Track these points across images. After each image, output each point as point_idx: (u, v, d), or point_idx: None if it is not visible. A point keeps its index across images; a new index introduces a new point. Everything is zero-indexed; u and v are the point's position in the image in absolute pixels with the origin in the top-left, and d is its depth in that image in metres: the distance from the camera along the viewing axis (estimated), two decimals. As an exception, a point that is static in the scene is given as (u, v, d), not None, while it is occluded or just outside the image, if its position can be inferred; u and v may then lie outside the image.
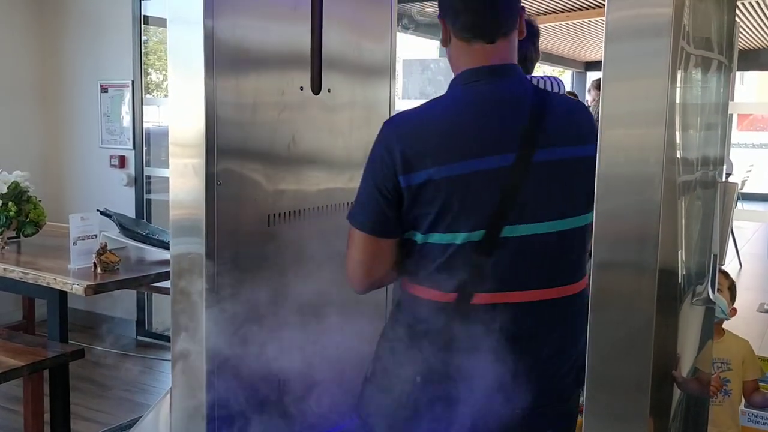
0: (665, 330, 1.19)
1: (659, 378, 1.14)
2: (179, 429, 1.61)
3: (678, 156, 1.18)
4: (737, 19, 7.16)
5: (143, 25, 4.74)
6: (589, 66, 13.33)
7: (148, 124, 4.86)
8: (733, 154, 7.39)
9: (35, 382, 2.88)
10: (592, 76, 12.73)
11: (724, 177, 1.83)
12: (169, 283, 1.59)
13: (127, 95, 4.76)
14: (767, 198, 12.03)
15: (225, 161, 1.57)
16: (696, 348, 1.60)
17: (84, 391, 3.86)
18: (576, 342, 1.43)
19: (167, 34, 1.54)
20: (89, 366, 4.07)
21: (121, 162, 4.85)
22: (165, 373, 4.30)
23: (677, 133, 1.16)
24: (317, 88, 1.82)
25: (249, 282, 1.60)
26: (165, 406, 1.62)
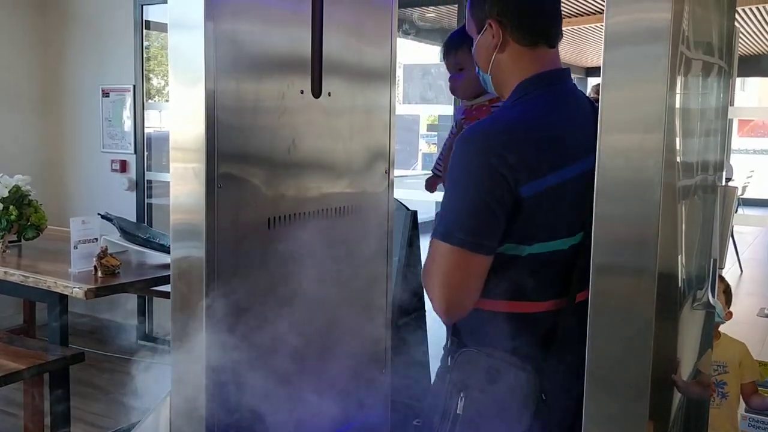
0: (665, 334, 1.19)
1: (659, 382, 1.14)
2: (179, 433, 1.61)
3: (677, 160, 1.18)
4: (737, 25, 7.17)
5: (145, 30, 4.75)
6: (590, 72, 13.35)
7: (149, 128, 4.86)
8: (734, 159, 7.39)
9: (35, 385, 2.88)
10: (592, 81, 12.74)
11: (724, 182, 1.82)
12: (170, 287, 1.59)
13: (129, 100, 4.77)
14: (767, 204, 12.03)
15: (225, 165, 1.57)
16: (696, 352, 1.59)
17: (84, 395, 3.85)
18: None
19: (168, 38, 1.55)
20: (89, 370, 4.06)
21: (122, 166, 4.86)
22: (165, 378, 4.28)
23: (677, 138, 1.16)
24: (318, 91, 1.82)
25: (249, 286, 1.61)
26: (165, 409, 1.62)
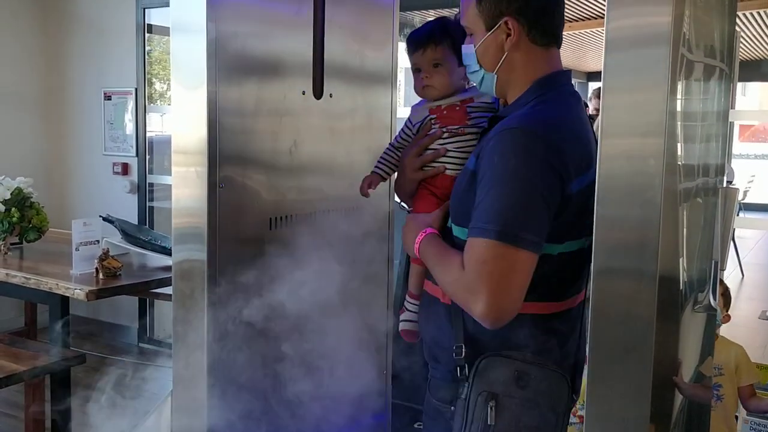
0: (666, 336, 1.19)
1: (660, 384, 1.14)
2: (180, 434, 1.61)
3: (678, 163, 1.18)
4: (738, 29, 7.17)
5: (147, 34, 4.76)
6: (591, 76, 13.35)
7: (150, 132, 4.87)
8: (735, 164, 7.37)
9: (36, 387, 2.87)
10: (593, 86, 12.74)
11: (725, 185, 1.82)
12: (171, 290, 1.59)
13: (131, 103, 4.78)
14: (769, 208, 12.01)
15: (227, 168, 1.57)
16: (698, 354, 1.59)
17: (85, 397, 3.85)
18: None
19: (170, 42, 1.55)
20: (90, 372, 4.06)
21: (124, 169, 4.86)
22: (166, 380, 4.28)
23: (678, 141, 1.16)
24: (319, 93, 1.83)
25: (250, 288, 1.61)
26: (166, 410, 1.62)
